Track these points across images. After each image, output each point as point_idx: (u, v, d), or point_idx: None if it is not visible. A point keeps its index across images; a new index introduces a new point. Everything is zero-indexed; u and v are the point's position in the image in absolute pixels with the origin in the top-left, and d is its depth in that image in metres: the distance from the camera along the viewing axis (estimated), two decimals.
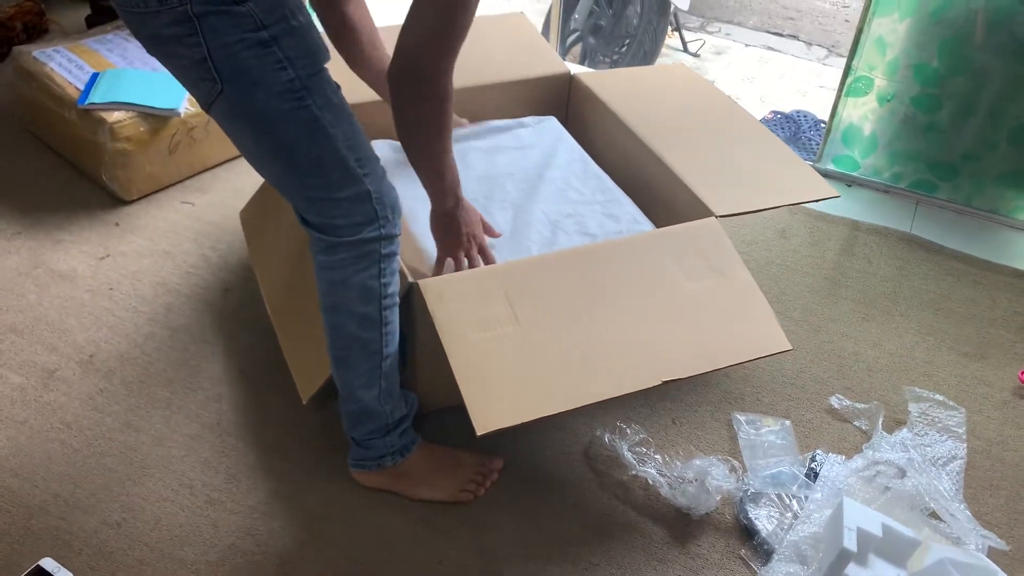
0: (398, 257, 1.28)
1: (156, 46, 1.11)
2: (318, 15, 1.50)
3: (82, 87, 2.00)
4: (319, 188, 1.19)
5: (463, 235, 1.41)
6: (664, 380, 1.27)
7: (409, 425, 1.40)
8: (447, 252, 1.42)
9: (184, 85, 1.16)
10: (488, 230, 1.51)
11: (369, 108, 1.77)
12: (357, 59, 1.56)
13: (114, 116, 1.93)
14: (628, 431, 1.51)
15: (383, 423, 1.35)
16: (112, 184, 2.01)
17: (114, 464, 1.44)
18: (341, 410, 1.37)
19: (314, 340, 1.43)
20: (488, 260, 1.45)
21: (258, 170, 1.25)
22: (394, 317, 1.30)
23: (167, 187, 2.09)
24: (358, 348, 1.29)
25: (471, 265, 1.43)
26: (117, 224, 1.97)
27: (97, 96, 1.95)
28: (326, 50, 1.15)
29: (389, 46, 1.26)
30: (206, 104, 1.14)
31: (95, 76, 2.02)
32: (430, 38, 1.16)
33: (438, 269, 1.43)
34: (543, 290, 1.37)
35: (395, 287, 1.29)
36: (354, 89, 1.79)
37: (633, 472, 1.46)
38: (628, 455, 1.46)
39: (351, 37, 1.53)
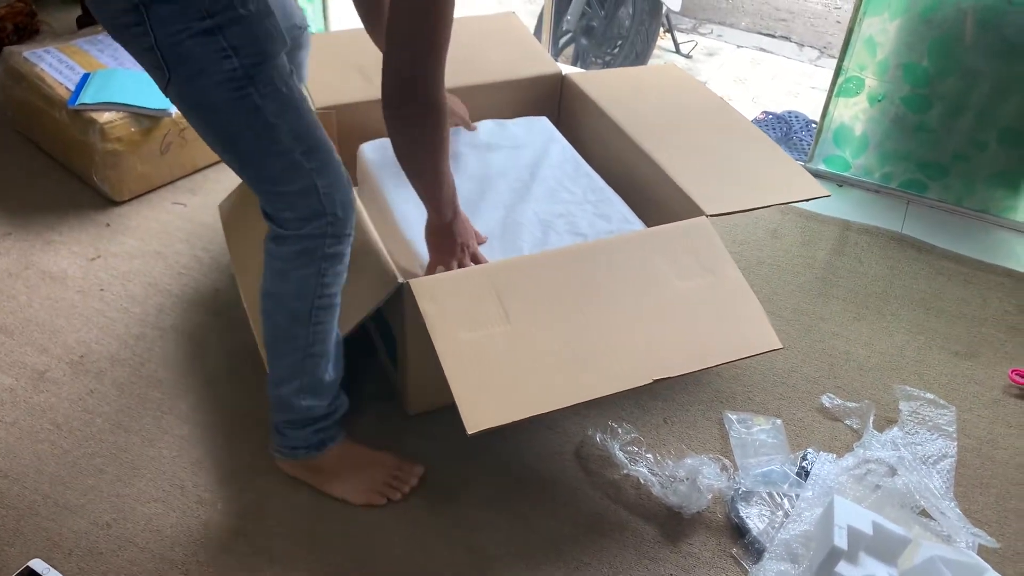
0: (346, 258, 1.27)
1: (115, 33, 1.13)
2: None
3: (73, 88, 2.00)
4: (264, 180, 1.19)
5: (457, 245, 1.42)
6: (655, 379, 1.27)
7: (329, 424, 1.40)
8: (440, 261, 1.43)
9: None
10: (476, 236, 1.52)
11: (363, 108, 1.78)
12: (375, 20, 1.52)
13: (105, 116, 1.93)
14: (619, 430, 1.51)
15: (298, 417, 1.36)
16: (103, 185, 2.00)
17: (104, 465, 1.44)
18: (268, 389, 1.37)
19: None
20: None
21: (217, 154, 1.25)
22: (327, 317, 1.30)
23: (158, 188, 2.08)
24: (284, 340, 1.30)
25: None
26: (108, 225, 1.97)
27: (88, 96, 1.95)
28: (283, 39, 1.14)
29: None
30: (162, 91, 1.14)
31: (86, 76, 2.02)
32: (413, 55, 1.15)
33: (430, 274, 1.43)
34: (534, 289, 1.37)
35: (336, 288, 1.29)
36: (340, 90, 1.80)
37: (625, 471, 1.46)
38: (619, 454, 1.46)
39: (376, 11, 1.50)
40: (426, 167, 1.29)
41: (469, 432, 1.18)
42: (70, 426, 1.50)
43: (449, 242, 1.41)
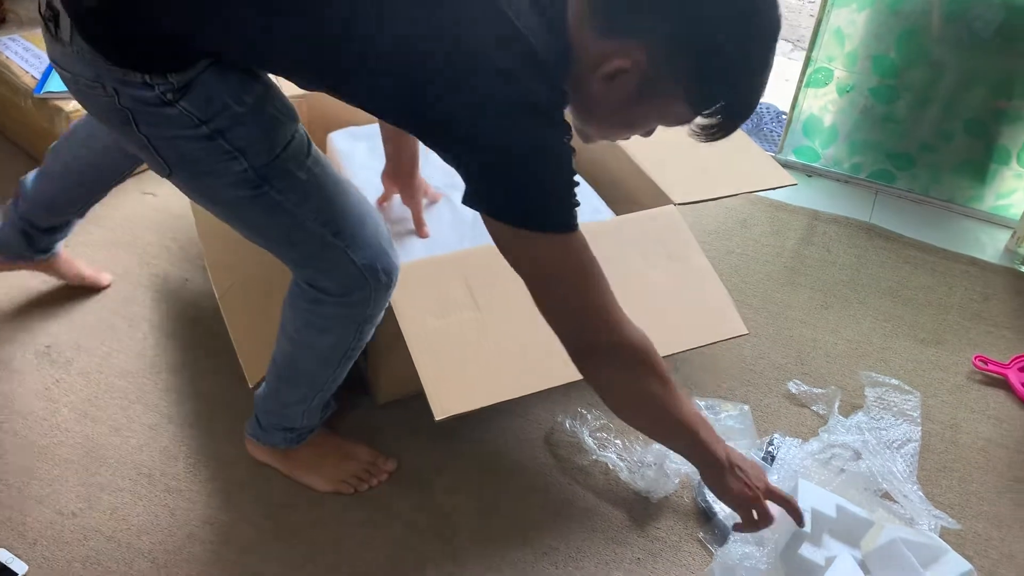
0: (383, 311, 1.23)
1: (102, 121, 1.05)
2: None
3: (39, 76, 1.97)
4: (298, 262, 1.16)
5: (748, 490, 1.14)
6: None
7: (316, 428, 1.40)
8: (739, 508, 1.17)
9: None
10: (428, 192, 1.57)
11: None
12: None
13: (71, 105, 1.91)
14: (588, 416, 1.52)
15: (292, 426, 1.36)
16: None
17: (70, 454, 1.43)
18: (260, 395, 1.35)
19: (261, 323, 1.42)
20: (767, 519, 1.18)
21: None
22: (354, 357, 1.28)
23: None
24: (307, 379, 1.29)
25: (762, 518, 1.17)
26: None
27: (54, 84, 1.93)
28: (291, 115, 1.07)
29: None
30: (162, 175, 1.08)
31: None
32: (583, 312, 1.00)
33: (743, 525, 1.19)
34: (503, 277, 1.36)
35: (367, 338, 1.25)
36: None
37: (594, 456, 1.46)
38: (589, 440, 1.47)
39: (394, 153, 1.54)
40: (658, 421, 1.09)
41: (437, 418, 1.18)
42: (35, 416, 1.48)
43: (738, 489, 1.14)
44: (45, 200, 1.51)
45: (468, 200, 0.96)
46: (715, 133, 0.97)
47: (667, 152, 1.68)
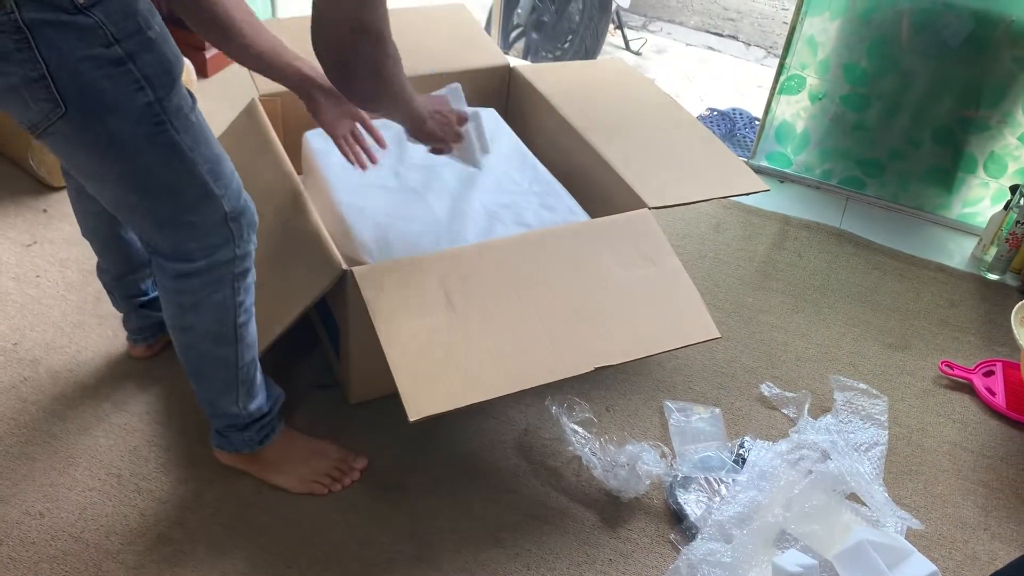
0: (253, 270, 1.23)
1: None
2: (181, 14, 1.26)
3: None
4: (172, 212, 1.10)
5: (436, 127, 1.36)
6: (597, 367, 1.29)
7: (270, 419, 1.37)
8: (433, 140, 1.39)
9: (3, 105, 0.97)
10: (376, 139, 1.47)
11: None
12: (238, 50, 1.32)
13: None
14: (576, 409, 1.51)
15: (241, 422, 1.34)
16: (40, 169, 1.95)
17: (38, 453, 1.41)
18: (198, 398, 1.33)
19: None
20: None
21: (99, 195, 1.11)
22: (250, 327, 1.26)
23: None
24: (212, 362, 1.26)
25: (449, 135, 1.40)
26: (45, 211, 1.92)
27: None
28: (181, 58, 1.05)
29: None
30: (37, 127, 0.97)
31: None
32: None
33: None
34: (478, 278, 1.37)
35: (250, 299, 1.24)
36: None
37: (571, 448, 1.46)
38: (569, 431, 1.47)
39: (226, 27, 1.28)
40: (388, 92, 1.19)
41: (411, 419, 1.18)
42: (2, 414, 1.46)
43: (432, 127, 1.35)
44: (120, 270, 1.48)
45: None
46: None
47: (642, 157, 1.70)
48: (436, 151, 1.45)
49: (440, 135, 1.39)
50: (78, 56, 0.91)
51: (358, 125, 1.45)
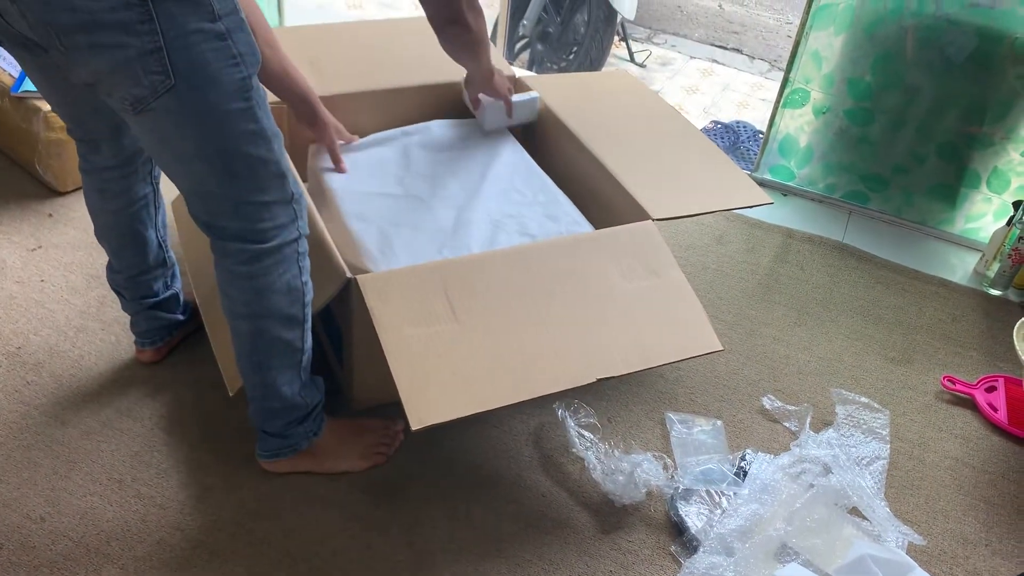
0: (307, 252, 1.28)
1: (87, 34, 0.96)
2: None
3: (16, 75, 1.96)
4: (251, 192, 1.15)
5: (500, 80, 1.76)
6: (599, 378, 1.29)
7: (322, 406, 1.41)
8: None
9: (108, 83, 1.01)
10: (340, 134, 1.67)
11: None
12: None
13: (48, 105, 1.89)
14: (581, 412, 1.51)
15: (302, 413, 1.36)
16: (46, 174, 1.96)
17: (39, 458, 1.41)
18: (255, 407, 1.34)
19: None
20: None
21: (182, 177, 1.15)
22: (310, 307, 1.31)
23: None
24: (282, 348, 1.28)
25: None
26: (50, 215, 1.93)
27: (31, 84, 1.91)
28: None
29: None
30: (141, 103, 1.02)
31: None
32: None
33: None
34: (482, 288, 1.38)
35: (308, 273, 1.29)
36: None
37: (574, 450, 1.47)
38: (573, 433, 1.47)
39: None
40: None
41: (413, 428, 1.18)
42: (4, 418, 1.46)
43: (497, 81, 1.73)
44: (135, 270, 1.49)
45: None
46: None
47: (646, 168, 1.70)
48: (474, 102, 1.78)
49: (497, 91, 1.75)
50: (191, 28, 0.98)
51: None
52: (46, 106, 1.89)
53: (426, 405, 1.22)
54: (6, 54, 2.02)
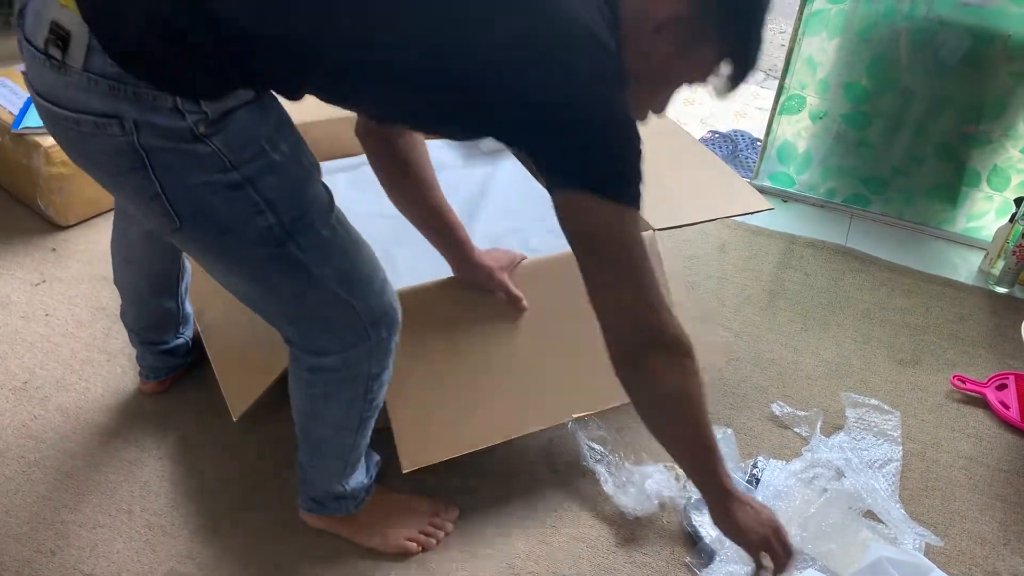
0: (391, 368, 1.18)
1: (99, 170, 0.95)
2: (364, 150, 1.29)
3: (16, 112, 1.97)
4: (300, 312, 1.07)
5: (762, 529, 1.14)
6: (601, 409, 1.28)
7: (369, 486, 1.35)
8: (751, 549, 1.16)
9: (131, 207, 1.01)
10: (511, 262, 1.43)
11: (314, 127, 1.77)
12: (407, 203, 1.35)
13: (49, 140, 1.90)
14: (590, 425, 1.50)
15: (341, 495, 1.30)
16: (48, 209, 1.97)
17: (48, 491, 1.40)
18: (299, 470, 1.30)
19: (244, 356, 1.41)
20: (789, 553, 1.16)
21: (223, 285, 1.09)
22: (373, 420, 1.22)
23: (106, 212, 2.05)
24: (331, 447, 1.23)
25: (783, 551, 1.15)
26: (54, 249, 1.93)
27: (32, 120, 1.92)
28: (315, 166, 1.00)
29: None
30: (158, 232, 0.99)
31: (30, 100, 1.99)
32: (635, 299, 0.97)
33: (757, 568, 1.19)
34: (483, 309, 1.37)
35: (382, 396, 1.20)
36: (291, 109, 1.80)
37: (585, 463, 1.46)
38: (585, 447, 1.46)
39: (401, 176, 1.30)
40: (692, 425, 1.05)
41: (404, 471, 1.18)
42: (13, 453, 1.46)
43: (750, 524, 1.12)
44: (145, 328, 1.50)
45: (552, 184, 0.94)
46: (734, 82, 0.99)
47: (647, 179, 1.70)
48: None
49: (760, 537, 1.15)
50: (193, 181, 0.90)
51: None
52: (46, 142, 1.90)
53: (419, 445, 1.22)
54: (4, 90, 2.03)
